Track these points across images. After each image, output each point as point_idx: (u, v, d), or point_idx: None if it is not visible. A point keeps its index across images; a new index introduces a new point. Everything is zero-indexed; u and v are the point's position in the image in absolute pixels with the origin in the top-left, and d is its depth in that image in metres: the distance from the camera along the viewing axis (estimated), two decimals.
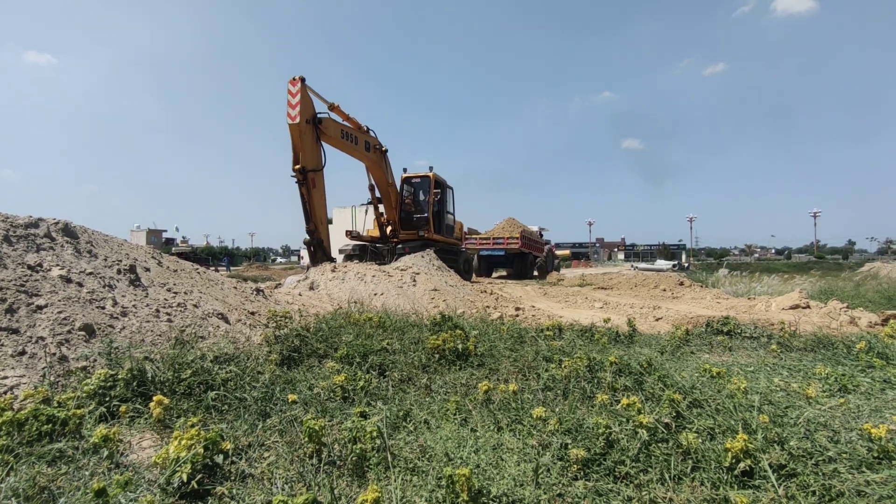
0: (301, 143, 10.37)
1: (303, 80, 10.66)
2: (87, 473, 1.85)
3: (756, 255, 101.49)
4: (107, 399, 2.46)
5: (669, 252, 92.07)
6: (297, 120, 10.29)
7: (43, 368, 2.77)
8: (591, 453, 1.93)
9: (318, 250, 11.05)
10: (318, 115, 11.11)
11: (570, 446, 1.97)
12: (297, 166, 10.33)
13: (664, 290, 13.02)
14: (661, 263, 47.86)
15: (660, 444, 1.99)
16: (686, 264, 53.43)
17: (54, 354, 2.90)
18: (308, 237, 11.12)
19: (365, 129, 13.23)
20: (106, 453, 1.93)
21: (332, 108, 11.81)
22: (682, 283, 13.80)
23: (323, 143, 11.24)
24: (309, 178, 10.48)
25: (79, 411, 2.18)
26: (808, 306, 7.53)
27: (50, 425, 2.07)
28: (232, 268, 44.29)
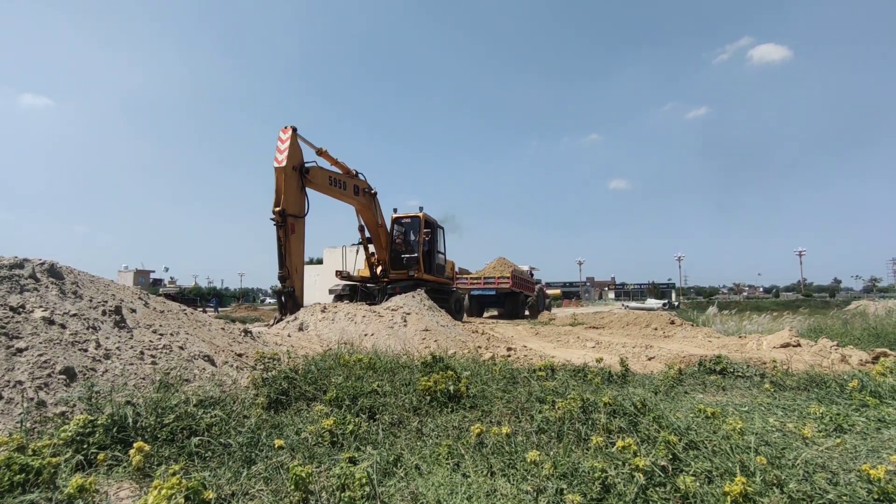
0: (284, 188, 10.44)
1: (294, 129, 10.94)
2: None
3: (745, 294, 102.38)
4: (85, 446, 2.36)
5: (659, 291, 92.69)
6: (284, 164, 10.45)
7: (20, 414, 2.67)
8: (587, 499, 1.88)
9: (290, 300, 10.52)
10: (306, 165, 11.25)
11: (565, 491, 1.92)
12: (277, 209, 10.29)
13: (656, 328, 13.02)
14: (652, 302, 48.10)
15: (657, 489, 1.94)
16: (676, 303, 53.70)
17: (32, 399, 2.80)
18: (279, 285, 10.63)
19: (354, 173, 13.40)
20: None
21: (319, 153, 12.00)
22: (673, 322, 13.82)
23: (309, 191, 11.34)
24: (288, 223, 10.41)
25: (54, 460, 2.08)
26: (799, 344, 7.55)
27: (23, 475, 1.97)
28: (220, 309, 43.64)
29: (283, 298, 10.64)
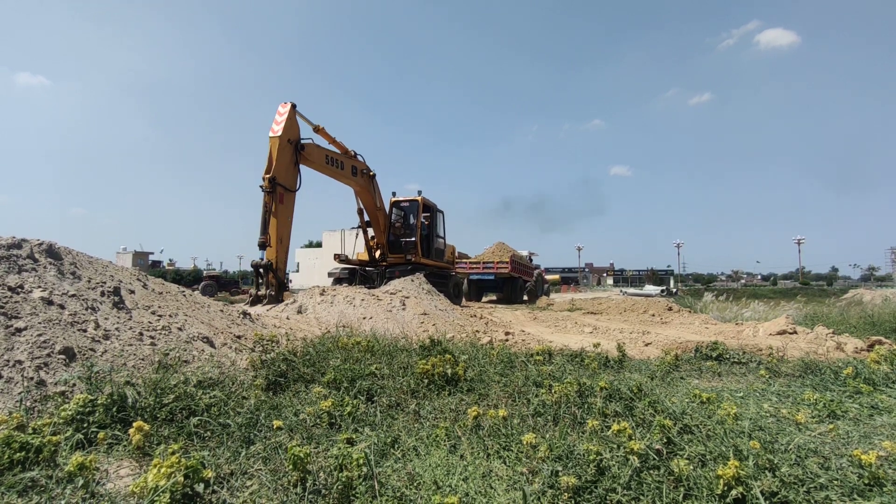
0: (277, 157, 10.34)
1: (293, 105, 10.86)
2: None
3: (743, 281, 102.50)
4: (85, 425, 2.38)
5: (658, 277, 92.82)
6: (279, 134, 10.40)
7: (19, 393, 2.68)
8: (582, 481, 1.90)
9: (268, 273, 9.89)
10: (303, 141, 11.17)
11: (560, 473, 1.94)
12: (268, 175, 10.11)
13: (653, 315, 13.07)
14: (650, 289, 48.21)
15: (651, 472, 1.96)
16: (674, 290, 53.79)
17: (32, 379, 2.81)
18: (258, 261, 9.93)
19: (352, 153, 13.28)
20: (81, 482, 1.86)
21: (317, 129, 11.89)
22: (670, 309, 13.87)
23: (307, 170, 11.25)
24: (277, 191, 10.21)
25: (54, 438, 2.10)
26: (795, 332, 7.58)
27: (23, 453, 1.99)
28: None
29: (260, 271, 9.97)
